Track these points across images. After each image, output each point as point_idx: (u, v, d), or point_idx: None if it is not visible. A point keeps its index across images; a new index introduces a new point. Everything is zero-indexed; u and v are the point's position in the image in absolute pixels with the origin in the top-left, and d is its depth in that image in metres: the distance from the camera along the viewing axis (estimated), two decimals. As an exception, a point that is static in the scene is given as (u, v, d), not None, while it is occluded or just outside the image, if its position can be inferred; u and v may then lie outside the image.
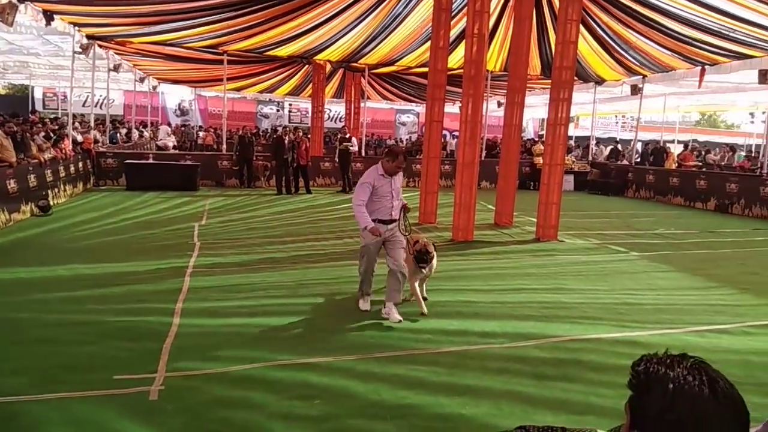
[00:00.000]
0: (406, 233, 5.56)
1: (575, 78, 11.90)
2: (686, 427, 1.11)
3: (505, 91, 11.41)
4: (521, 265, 7.81)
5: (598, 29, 13.78)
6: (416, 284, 5.54)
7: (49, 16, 10.38)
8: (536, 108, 26.09)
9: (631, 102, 19.27)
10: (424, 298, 5.71)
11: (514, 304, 5.92)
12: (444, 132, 27.15)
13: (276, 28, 13.58)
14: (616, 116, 31.30)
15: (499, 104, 21.46)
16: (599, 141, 23.52)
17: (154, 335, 4.65)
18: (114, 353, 4.30)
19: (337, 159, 15.72)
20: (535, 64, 16.53)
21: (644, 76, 16.48)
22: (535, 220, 10.12)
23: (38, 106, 28.79)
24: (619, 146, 22.13)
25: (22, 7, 9.11)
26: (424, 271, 5.56)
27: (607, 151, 21.40)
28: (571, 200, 14.57)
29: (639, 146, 20.82)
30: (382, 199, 5.33)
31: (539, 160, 15.33)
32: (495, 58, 16.41)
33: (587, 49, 15.17)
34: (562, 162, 9.77)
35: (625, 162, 19.51)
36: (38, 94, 29.43)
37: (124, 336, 4.66)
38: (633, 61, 15.34)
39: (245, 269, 7.01)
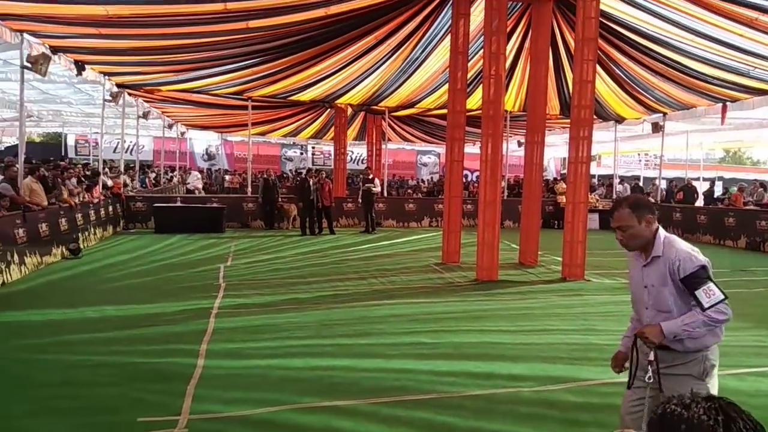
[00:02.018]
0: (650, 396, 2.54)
1: (594, 117, 11.94)
2: None
3: (525, 130, 11.49)
4: (548, 305, 7.67)
5: (615, 69, 13.88)
6: None
7: (80, 66, 10.85)
8: (557, 147, 26.10)
9: (653, 140, 19.16)
10: None
11: (542, 346, 5.78)
12: (465, 172, 27.35)
13: (298, 74, 13.96)
14: (638, 154, 31.11)
15: (520, 144, 21.53)
16: (622, 179, 23.34)
17: (179, 377, 4.64)
18: (138, 395, 4.29)
19: (360, 200, 15.87)
20: (554, 104, 16.67)
21: (665, 114, 16.44)
22: (560, 259, 9.99)
23: (71, 153, 29.72)
24: (641, 184, 21.91)
25: (55, 57, 9.55)
26: None
27: (630, 189, 21.19)
28: (597, 239, 14.31)
29: (664, 184, 20.59)
30: (635, 300, 2.86)
31: (562, 199, 15.24)
32: (514, 98, 16.59)
33: (605, 88, 15.25)
34: (586, 200, 9.71)
35: (650, 200, 19.25)
36: (71, 141, 30.41)
37: (149, 378, 4.67)
38: (652, 99, 15.35)
39: (269, 310, 7.02)
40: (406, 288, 8.58)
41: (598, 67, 11.65)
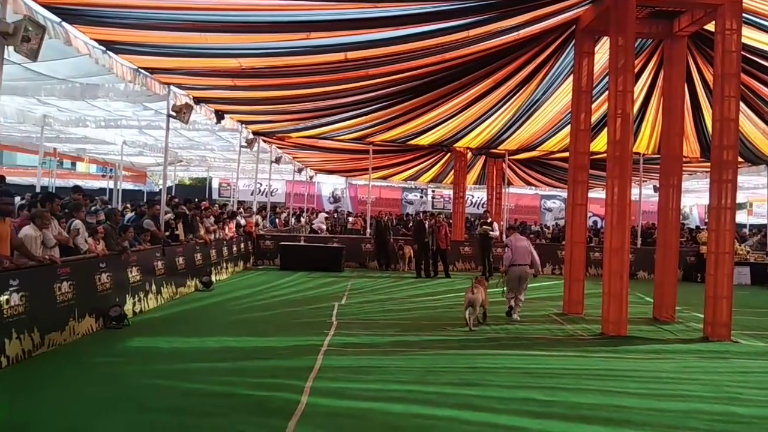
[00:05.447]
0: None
1: (741, 159, 10.77)
2: None
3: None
4: (685, 368, 6.82)
5: (764, 107, 12.48)
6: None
7: (219, 115, 11.93)
8: (701, 193, 23.92)
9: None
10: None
11: (676, 414, 5.10)
12: (595, 218, 25.83)
13: (417, 119, 14.19)
14: (799, 201, 27.49)
15: (656, 189, 19.98)
16: (780, 229, 20.62)
17: (281, 412, 4.67)
18: (241, 428, 4.38)
19: (477, 238, 15.56)
20: (693, 147, 15.35)
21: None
22: (701, 315, 8.93)
23: (214, 195, 32.63)
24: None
25: (197, 107, 10.59)
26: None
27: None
28: (748, 295, 12.77)
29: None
30: None
31: (706, 249, 13.78)
32: (647, 140, 15.50)
33: (752, 129, 13.76)
34: (731, 250, 8.64)
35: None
36: (215, 184, 33.43)
37: (253, 411, 4.76)
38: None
39: (376, 351, 6.96)
40: (521, 338, 8.11)
41: (742, 105, 10.58)
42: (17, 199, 9.41)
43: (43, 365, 5.82)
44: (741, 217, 25.99)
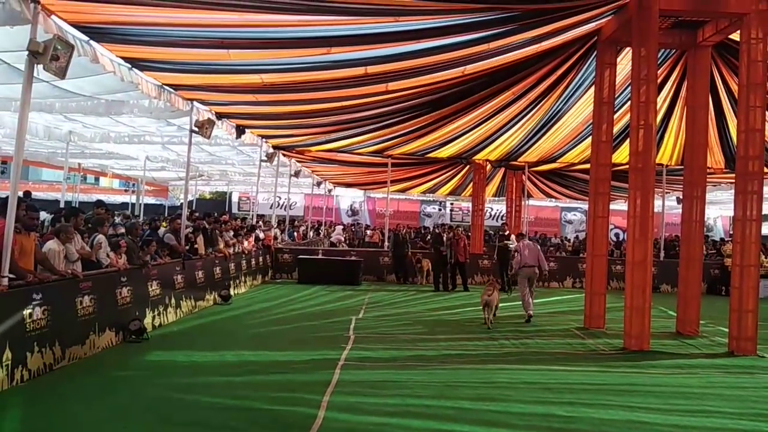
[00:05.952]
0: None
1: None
2: None
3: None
4: (710, 383, 6.68)
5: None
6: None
7: (240, 130, 12.07)
8: (726, 205, 23.50)
9: None
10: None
11: (700, 430, 5.00)
12: (617, 231, 25.48)
13: (435, 132, 14.20)
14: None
15: (679, 200, 19.67)
16: (809, 241, 20.11)
17: (299, 427, 4.67)
18: (258, 442, 4.37)
19: (495, 257, 15.46)
20: (717, 158, 15.10)
21: None
22: (726, 330, 8.73)
23: (234, 209, 32.98)
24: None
25: (219, 122, 10.74)
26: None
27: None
28: (774, 309, 12.42)
29: None
30: None
31: (731, 261, 13.48)
32: (671, 151, 15.31)
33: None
34: (756, 263, 8.46)
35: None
36: (235, 198, 33.82)
37: (270, 426, 4.76)
38: None
39: (394, 365, 6.92)
40: (540, 352, 8.00)
41: (769, 115, 10.40)
42: (43, 214, 9.59)
43: (63, 379, 5.88)
44: (767, 228, 25.43)
